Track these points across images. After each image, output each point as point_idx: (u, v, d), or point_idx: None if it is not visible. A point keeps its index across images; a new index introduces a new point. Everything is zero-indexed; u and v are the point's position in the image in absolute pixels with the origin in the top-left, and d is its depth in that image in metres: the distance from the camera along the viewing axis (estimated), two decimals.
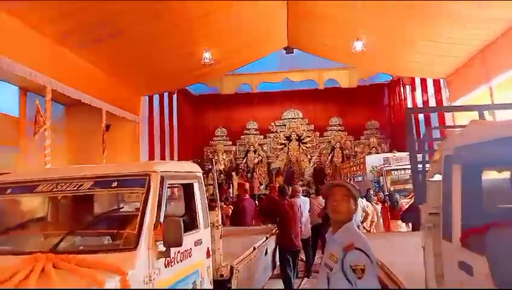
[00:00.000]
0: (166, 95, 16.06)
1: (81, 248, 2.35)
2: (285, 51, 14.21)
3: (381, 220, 7.19)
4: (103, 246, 2.34)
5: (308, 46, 13.72)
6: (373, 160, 12.00)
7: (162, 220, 2.41)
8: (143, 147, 14.08)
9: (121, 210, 2.91)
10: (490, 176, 2.23)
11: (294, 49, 14.14)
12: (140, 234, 2.25)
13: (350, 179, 15.42)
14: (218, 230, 3.26)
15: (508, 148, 1.52)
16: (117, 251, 2.23)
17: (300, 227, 5.83)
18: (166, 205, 2.57)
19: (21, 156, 9.33)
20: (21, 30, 7.34)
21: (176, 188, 3.38)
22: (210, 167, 3.48)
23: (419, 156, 2.85)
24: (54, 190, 2.52)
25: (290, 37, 13.48)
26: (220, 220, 3.34)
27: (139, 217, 2.32)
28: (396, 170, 10.87)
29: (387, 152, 15.66)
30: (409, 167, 10.03)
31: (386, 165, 11.09)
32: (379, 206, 7.31)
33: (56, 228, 2.78)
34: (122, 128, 13.37)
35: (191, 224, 3.05)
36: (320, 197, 7.65)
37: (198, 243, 2.90)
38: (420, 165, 2.77)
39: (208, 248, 3.08)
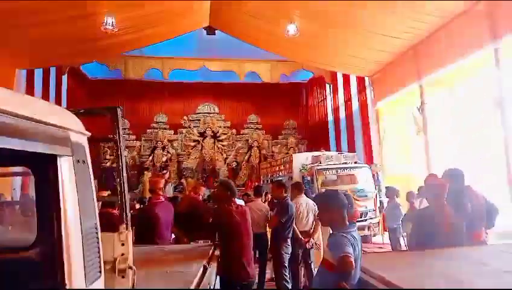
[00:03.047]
0: (53, 73, 12.84)
1: None
2: (205, 31, 12.32)
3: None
4: None
5: (233, 28, 12.05)
6: (301, 158, 10.83)
7: None
8: None
9: None
10: None
11: (216, 31, 12.35)
12: None
13: (268, 181, 14.17)
14: (126, 280, 1.32)
15: None
16: None
17: None
18: None
19: None
20: None
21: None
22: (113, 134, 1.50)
23: None
24: None
25: (213, 15, 11.66)
26: (131, 256, 1.38)
27: None
28: (328, 169, 9.82)
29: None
30: (341, 166, 9.03)
31: (317, 164, 9.98)
32: None
33: None
34: None
35: (46, 275, 1.07)
36: (260, 200, 5.98)
37: None
38: None
39: None
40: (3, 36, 8.68)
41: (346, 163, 10.24)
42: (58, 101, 13.28)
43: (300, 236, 4.85)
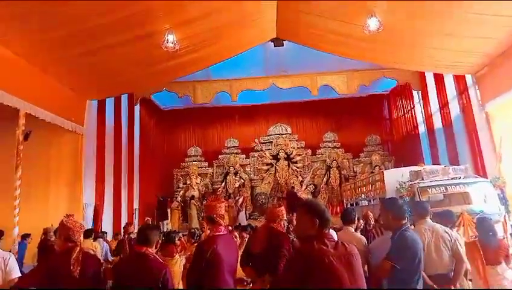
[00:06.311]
0: (125, 104, 12.78)
1: None
2: (273, 43, 11.33)
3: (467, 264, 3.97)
4: None
5: (304, 36, 10.86)
6: (395, 175, 8.96)
7: None
8: (88, 168, 10.60)
9: None
10: None
11: (284, 42, 11.28)
12: None
13: (354, 204, 12.32)
14: None
15: None
16: None
17: None
18: None
19: None
20: None
21: None
22: None
23: None
24: None
25: (280, 25, 10.63)
26: None
27: None
28: (436, 186, 7.82)
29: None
30: (452, 182, 6.93)
31: (418, 181, 8.05)
32: (462, 240, 4.15)
33: None
34: (57, 140, 9.96)
35: None
36: (351, 228, 4.41)
37: None
38: None
39: None
40: (72, 64, 8.54)
41: (455, 178, 8.14)
42: (131, 132, 13.19)
43: (430, 283, 3.18)
